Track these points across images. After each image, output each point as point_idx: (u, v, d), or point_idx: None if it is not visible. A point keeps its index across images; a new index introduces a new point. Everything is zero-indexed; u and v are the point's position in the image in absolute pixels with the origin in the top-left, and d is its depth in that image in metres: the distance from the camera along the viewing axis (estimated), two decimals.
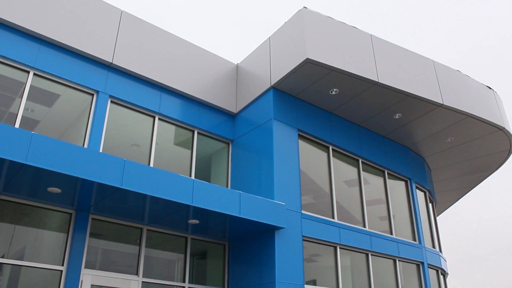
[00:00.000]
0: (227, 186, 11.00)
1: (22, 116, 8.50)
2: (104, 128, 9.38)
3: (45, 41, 9.12)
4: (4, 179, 6.97)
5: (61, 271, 7.92)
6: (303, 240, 9.84)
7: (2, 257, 7.42)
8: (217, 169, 11.40)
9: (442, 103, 11.56)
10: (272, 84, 10.61)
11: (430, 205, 14.89)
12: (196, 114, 11.08)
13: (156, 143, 10.20)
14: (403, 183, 13.60)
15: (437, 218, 17.98)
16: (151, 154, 9.99)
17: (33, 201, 7.97)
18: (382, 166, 12.89)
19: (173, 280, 9.46)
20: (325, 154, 11.47)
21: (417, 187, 14.09)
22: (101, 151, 9.00)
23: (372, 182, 12.54)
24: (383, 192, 12.73)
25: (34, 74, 8.87)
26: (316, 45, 9.95)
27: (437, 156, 14.67)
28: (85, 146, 8.97)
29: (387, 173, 13.10)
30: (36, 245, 7.88)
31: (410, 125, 12.62)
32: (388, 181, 13.04)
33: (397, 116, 12.12)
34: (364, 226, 11.52)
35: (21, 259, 7.60)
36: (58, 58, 9.18)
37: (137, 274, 8.90)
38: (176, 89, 10.78)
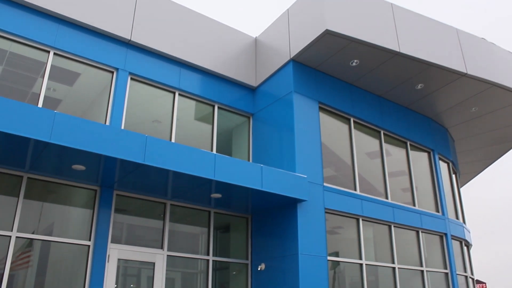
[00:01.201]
0: (249, 160, 11.04)
1: (45, 96, 8.61)
2: (125, 105, 9.46)
3: (64, 20, 9.15)
4: (30, 158, 7.12)
5: (89, 246, 8.13)
6: (326, 212, 9.87)
7: (33, 233, 7.64)
8: (238, 143, 11.43)
9: (466, 72, 11.28)
10: (291, 57, 10.50)
11: (453, 176, 14.72)
12: (216, 89, 11.06)
13: (177, 119, 10.25)
14: (426, 154, 13.44)
15: (461, 189, 17.80)
16: (172, 129, 10.06)
17: (59, 179, 8.14)
18: (404, 137, 12.74)
19: (197, 254, 9.63)
20: (346, 126, 11.38)
21: (440, 158, 13.92)
22: (122, 128, 9.09)
23: (394, 154, 12.43)
24: (405, 164, 12.61)
25: (54, 53, 8.94)
26: (335, 16, 9.76)
27: (461, 127, 14.41)
28: (107, 123, 9.07)
29: (410, 144, 12.95)
30: (64, 221, 8.08)
31: (432, 95, 12.38)
32: (411, 152, 12.90)
33: (419, 87, 11.90)
34: (387, 198, 11.48)
35: (50, 235, 7.81)
36: (77, 37, 9.22)
37: (162, 248, 9.08)
38: (195, 64, 10.75)
